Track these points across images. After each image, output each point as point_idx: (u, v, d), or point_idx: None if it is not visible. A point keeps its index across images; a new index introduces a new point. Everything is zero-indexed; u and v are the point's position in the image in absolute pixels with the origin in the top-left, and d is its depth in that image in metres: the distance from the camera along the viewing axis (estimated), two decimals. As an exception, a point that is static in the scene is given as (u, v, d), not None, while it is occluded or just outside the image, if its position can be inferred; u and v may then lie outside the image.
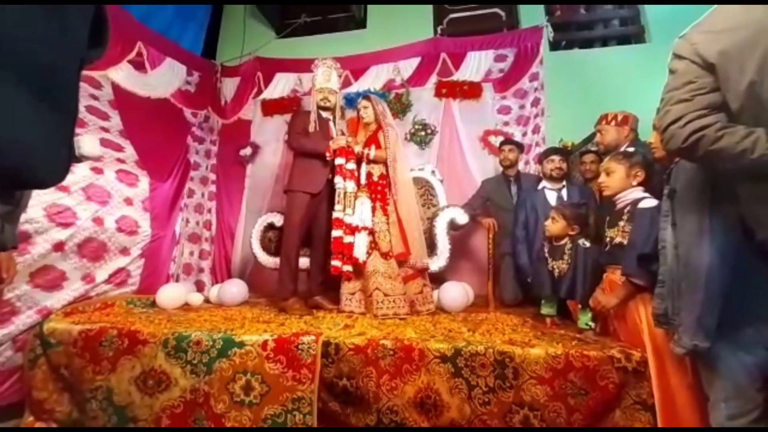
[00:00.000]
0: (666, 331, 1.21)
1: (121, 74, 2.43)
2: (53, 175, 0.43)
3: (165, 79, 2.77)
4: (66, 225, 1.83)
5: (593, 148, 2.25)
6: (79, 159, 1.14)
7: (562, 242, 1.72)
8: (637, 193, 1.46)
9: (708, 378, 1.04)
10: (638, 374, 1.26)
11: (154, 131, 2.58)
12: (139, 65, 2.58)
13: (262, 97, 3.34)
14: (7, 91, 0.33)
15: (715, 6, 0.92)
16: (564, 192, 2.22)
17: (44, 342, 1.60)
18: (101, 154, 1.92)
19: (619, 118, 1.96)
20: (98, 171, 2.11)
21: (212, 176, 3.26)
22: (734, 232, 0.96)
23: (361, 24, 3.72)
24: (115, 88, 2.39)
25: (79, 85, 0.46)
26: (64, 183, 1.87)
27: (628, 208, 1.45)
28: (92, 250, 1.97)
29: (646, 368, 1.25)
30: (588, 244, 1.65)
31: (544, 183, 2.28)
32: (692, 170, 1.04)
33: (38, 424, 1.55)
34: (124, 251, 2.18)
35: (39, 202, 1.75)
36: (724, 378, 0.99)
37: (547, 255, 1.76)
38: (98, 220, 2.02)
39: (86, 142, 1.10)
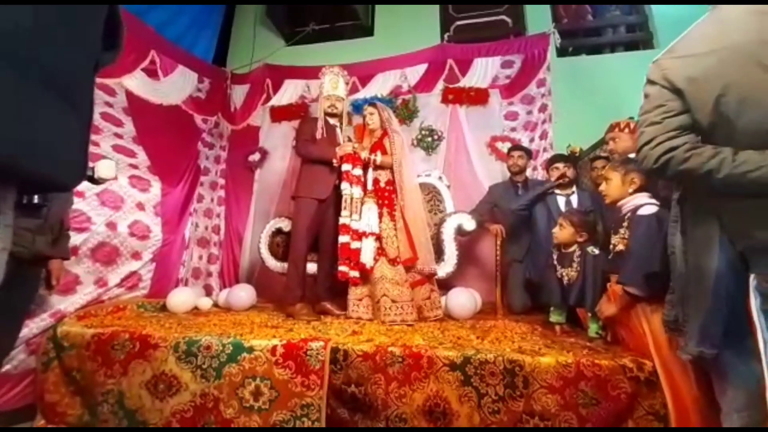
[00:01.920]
0: (670, 340, 1.20)
1: (135, 82, 2.49)
2: (73, 177, 0.43)
3: (177, 86, 2.82)
4: (81, 230, 1.87)
5: (604, 155, 2.24)
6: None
7: (571, 249, 1.71)
8: (640, 199, 1.43)
9: (720, 388, 1.03)
10: (651, 384, 1.24)
11: (165, 137, 2.63)
12: (152, 73, 2.64)
13: (270, 103, 3.39)
14: (28, 94, 0.34)
15: (690, 28, 0.97)
16: (573, 198, 2.21)
17: (57, 345, 1.63)
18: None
19: (632, 125, 1.96)
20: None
21: (221, 181, 3.30)
22: None
23: (368, 32, 3.77)
24: (129, 95, 2.44)
25: (93, 88, 0.47)
26: (80, 188, 1.92)
27: (628, 215, 1.44)
28: (105, 254, 2.01)
29: (659, 378, 1.24)
30: (597, 252, 1.64)
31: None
32: None
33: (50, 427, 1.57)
34: (136, 255, 2.21)
35: (55, 207, 1.79)
36: (736, 388, 0.98)
37: (555, 262, 1.75)
38: (111, 225, 2.05)
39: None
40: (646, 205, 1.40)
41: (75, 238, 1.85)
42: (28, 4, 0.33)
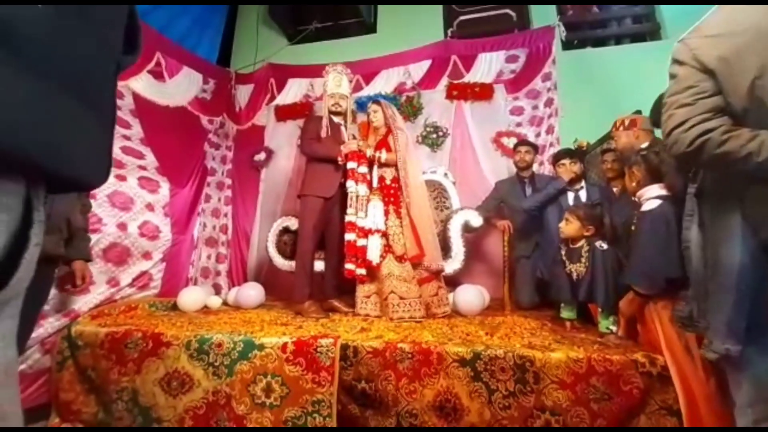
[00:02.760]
0: (680, 336, 1.19)
1: (142, 84, 2.51)
2: (98, 177, 0.45)
3: (182, 88, 2.84)
4: (93, 231, 1.90)
5: (613, 148, 2.21)
6: None
7: (579, 244, 1.70)
8: (650, 191, 1.39)
9: (735, 382, 1.02)
10: (663, 379, 1.23)
11: (173, 138, 2.65)
12: (157, 75, 2.66)
13: (275, 102, 3.40)
14: (52, 97, 0.35)
15: (714, 8, 0.92)
16: (582, 192, 2.19)
17: (72, 344, 1.65)
18: None
19: (627, 122, 1.93)
20: (122, 178, 2.18)
21: (228, 181, 3.33)
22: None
23: (371, 29, 3.76)
24: (136, 97, 2.46)
25: (115, 91, 0.48)
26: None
27: (636, 211, 1.42)
28: (117, 254, 2.04)
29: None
30: (605, 246, 1.62)
31: (561, 184, 2.26)
32: None
33: (64, 425, 1.60)
34: (147, 255, 2.24)
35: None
36: (751, 382, 0.97)
37: (564, 258, 1.74)
38: (122, 226, 2.08)
39: None
40: (650, 199, 1.37)
41: (87, 239, 1.88)
42: (50, 5, 0.33)
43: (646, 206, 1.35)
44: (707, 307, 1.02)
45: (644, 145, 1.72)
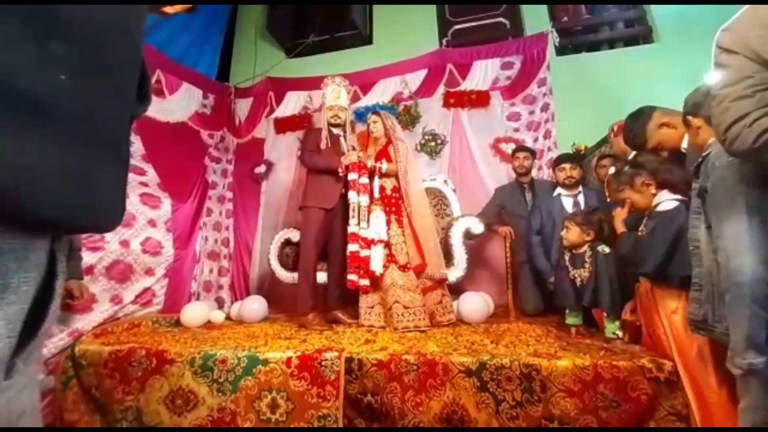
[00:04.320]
0: (692, 342, 1.17)
1: (142, 101, 2.54)
2: (116, 221, 0.47)
3: (183, 104, 2.88)
4: (95, 249, 1.91)
5: (611, 153, 2.22)
6: None
7: (581, 250, 1.70)
8: (663, 196, 1.36)
9: (743, 384, 1.00)
10: (671, 384, 1.22)
11: (173, 154, 2.67)
12: (158, 91, 2.69)
13: (274, 115, 3.43)
14: (81, 157, 0.37)
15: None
16: (581, 197, 2.20)
17: (76, 364, 1.65)
18: None
19: (615, 128, 1.95)
20: (123, 195, 2.19)
21: (229, 194, 3.35)
22: None
23: (367, 40, 3.81)
24: (137, 114, 2.49)
25: (129, 138, 0.50)
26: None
27: (647, 212, 1.41)
28: (119, 272, 2.04)
29: (679, 378, 1.22)
30: (608, 250, 1.63)
31: (559, 189, 2.27)
32: (724, 168, 0.97)
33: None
34: (149, 272, 2.24)
35: (70, 228, 1.83)
36: (757, 387, 0.95)
37: (567, 264, 1.74)
38: (124, 243, 2.09)
39: None
40: (664, 201, 1.34)
41: (90, 257, 1.89)
42: (72, 72, 0.35)
43: (662, 207, 1.33)
44: (722, 313, 0.99)
45: (631, 156, 1.70)
